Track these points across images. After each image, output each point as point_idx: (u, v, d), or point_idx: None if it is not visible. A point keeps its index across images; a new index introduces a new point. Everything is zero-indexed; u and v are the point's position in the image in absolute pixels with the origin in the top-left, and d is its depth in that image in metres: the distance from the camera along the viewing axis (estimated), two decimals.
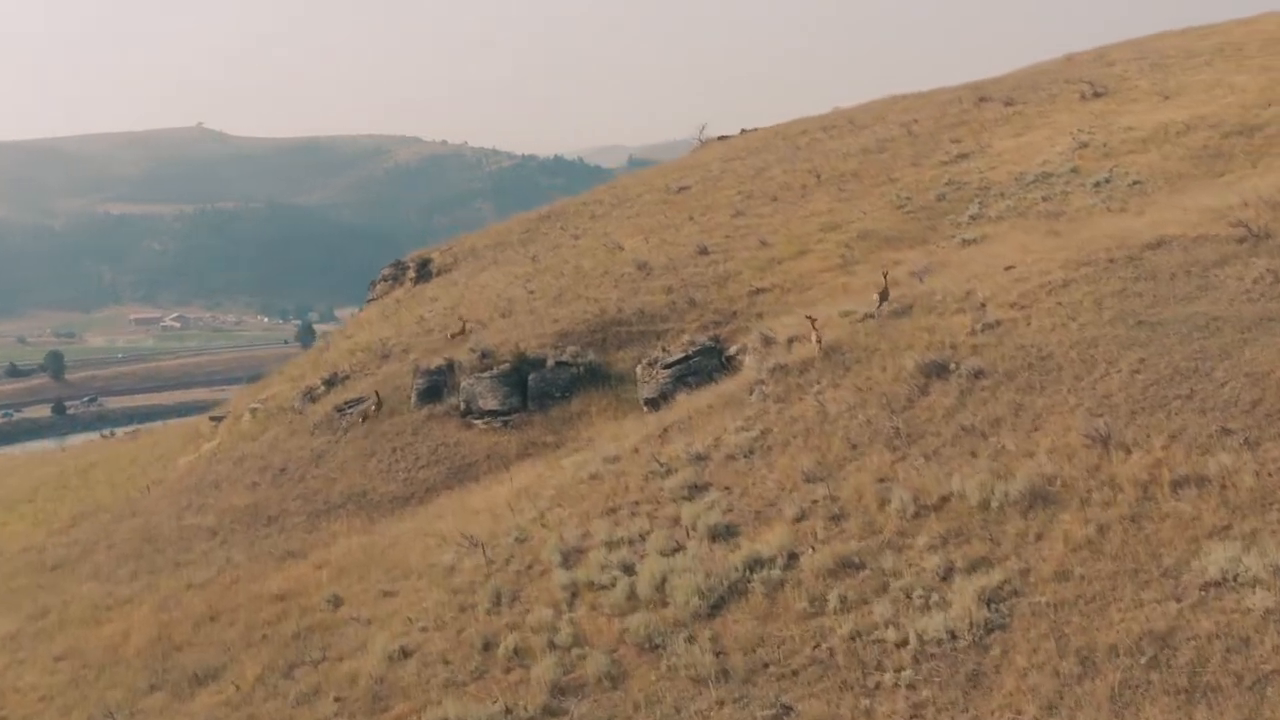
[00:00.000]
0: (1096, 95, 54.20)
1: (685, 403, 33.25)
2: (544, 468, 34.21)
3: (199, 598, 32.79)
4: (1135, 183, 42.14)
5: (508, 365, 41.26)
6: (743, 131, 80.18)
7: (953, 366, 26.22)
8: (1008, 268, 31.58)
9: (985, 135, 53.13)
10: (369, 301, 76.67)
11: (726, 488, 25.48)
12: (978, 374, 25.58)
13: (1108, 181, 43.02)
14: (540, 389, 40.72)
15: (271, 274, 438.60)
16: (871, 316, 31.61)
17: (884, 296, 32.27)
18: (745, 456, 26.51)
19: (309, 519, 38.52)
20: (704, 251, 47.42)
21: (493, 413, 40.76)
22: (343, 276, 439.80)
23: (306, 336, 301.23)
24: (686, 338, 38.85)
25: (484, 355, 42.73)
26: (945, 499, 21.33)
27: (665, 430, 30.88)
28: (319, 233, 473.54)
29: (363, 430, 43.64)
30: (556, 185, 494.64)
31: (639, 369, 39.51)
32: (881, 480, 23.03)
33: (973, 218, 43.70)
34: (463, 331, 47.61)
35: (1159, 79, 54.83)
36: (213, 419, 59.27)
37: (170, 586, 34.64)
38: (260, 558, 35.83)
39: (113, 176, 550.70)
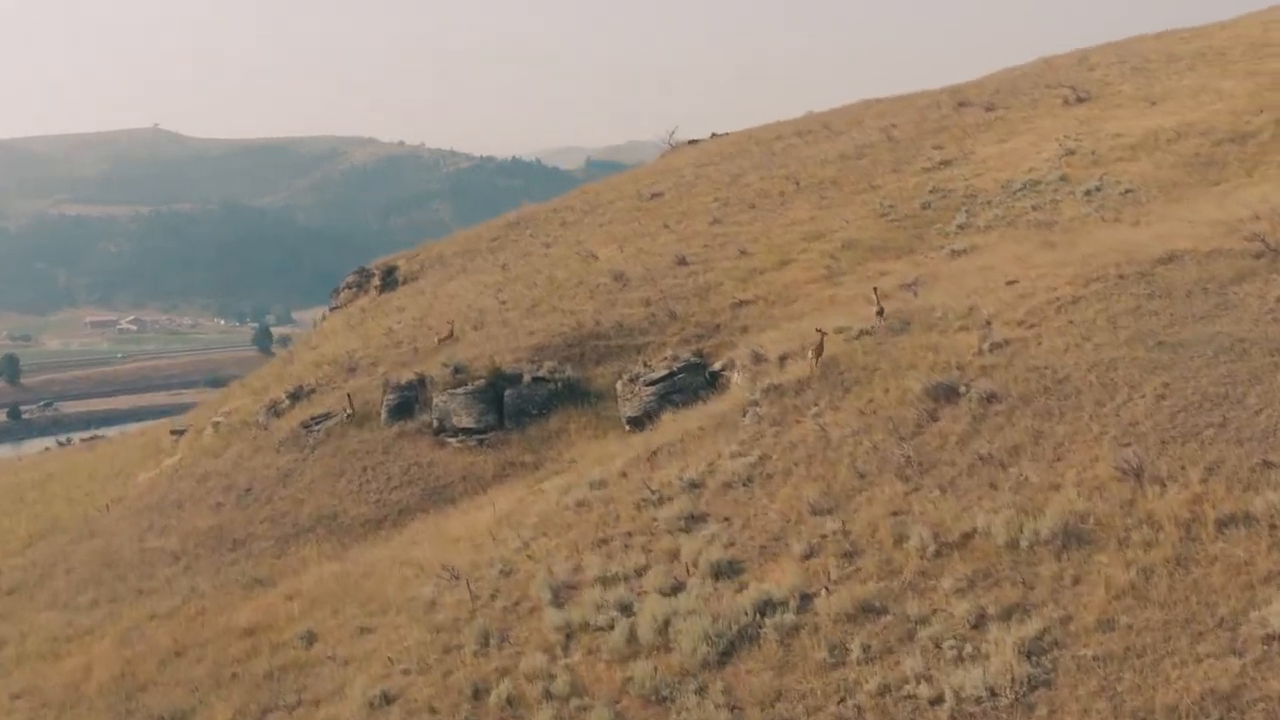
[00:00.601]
0: (1080, 100, 53.26)
1: (672, 423, 31.83)
2: (524, 491, 32.69)
3: (164, 630, 31.07)
4: (1127, 191, 41.10)
5: (483, 381, 39.69)
6: (713, 136, 78.96)
7: (962, 389, 24.97)
8: (1010, 282, 30.39)
9: (968, 141, 52.04)
10: (332, 309, 74.90)
11: (726, 519, 24.09)
12: (990, 398, 24.32)
13: (1098, 190, 41.98)
14: (517, 406, 39.19)
15: (228, 276, 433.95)
16: (868, 333, 30.33)
17: (881, 312, 31.00)
18: (744, 485, 25.12)
19: (277, 543, 36.81)
20: (682, 261, 46.03)
21: (467, 431, 39.18)
22: (300, 279, 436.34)
23: (264, 340, 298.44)
24: (669, 353, 37.43)
25: (457, 370, 41.14)
26: (968, 536, 20.01)
27: (654, 454, 29.46)
28: (276, 234, 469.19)
29: (331, 448, 41.93)
30: (514, 186, 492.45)
31: (619, 385, 38.05)
32: (895, 514, 21.70)
33: (960, 227, 42.53)
34: (450, 335, 45.93)
35: (1142, 84, 53.96)
36: (174, 432, 57.34)
37: (133, 617, 32.87)
38: (227, 585, 34.10)
39: (68, 178, 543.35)
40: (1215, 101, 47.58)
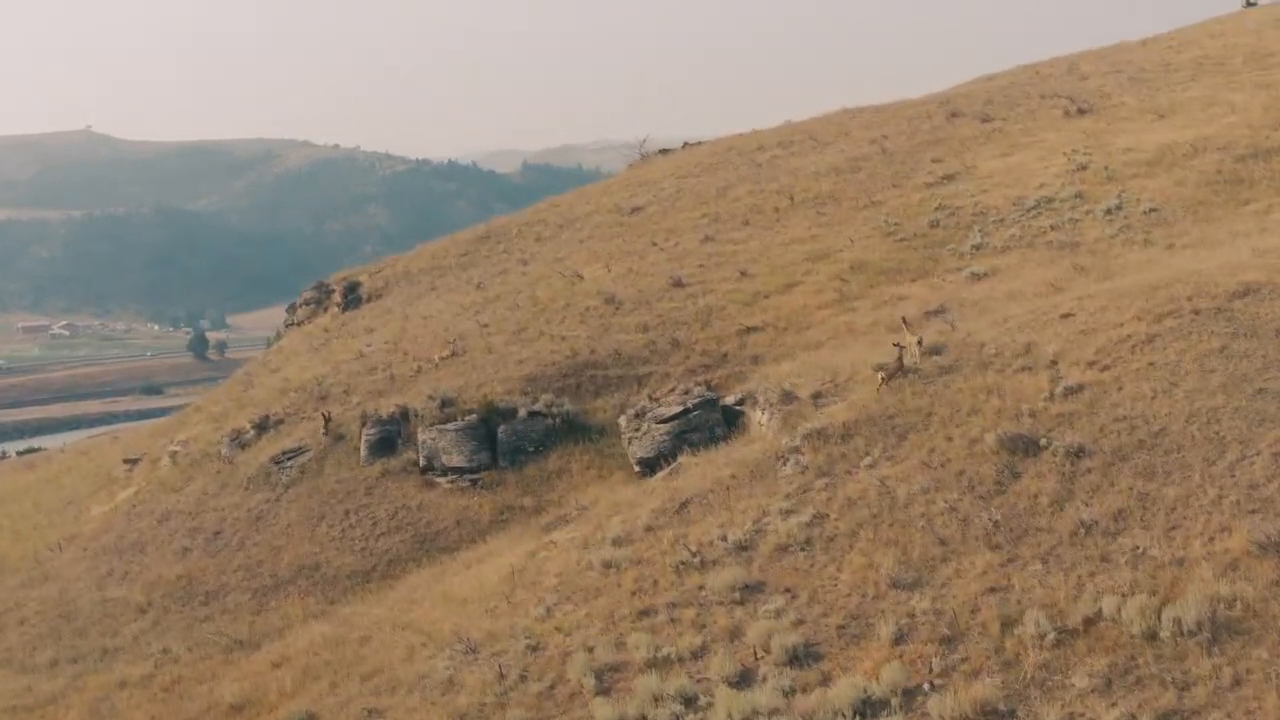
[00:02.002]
0: (1081, 112, 51.32)
1: (696, 469, 29.15)
2: (533, 544, 29.86)
3: (137, 702, 28.05)
4: (1151, 210, 39.08)
5: (474, 416, 36.80)
6: (686, 145, 76.39)
7: (1043, 442, 22.62)
8: (1065, 315, 28.06)
9: (968, 155, 49.89)
10: (288, 326, 71.48)
11: (788, 590, 21.51)
12: (1078, 453, 21.98)
13: (1119, 209, 39.93)
14: (512, 443, 36.37)
15: (162, 280, 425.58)
16: (913, 371, 27.86)
17: (900, 360, 28.46)
18: (802, 549, 22.55)
19: (254, 597, 33.77)
20: (678, 283, 43.41)
21: (458, 470, 36.31)
22: (234, 283, 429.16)
23: (199, 345, 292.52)
24: (679, 386, 34.78)
25: (444, 403, 38.22)
26: (1091, 622, 17.62)
27: (683, 506, 26.78)
28: (209, 238, 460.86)
29: (307, 487, 38.85)
30: (451, 190, 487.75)
31: (623, 421, 35.34)
32: (993, 590, 19.26)
33: (976, 248, 40.32)
34: (452, 355, 42.95)
35: (1145, 95, 52.14)
36: (127, 461, 53.72)
37: (100, 684, 29.80)
38: (202, 646, 31.07)
39: None
40: (1228, 114, 45.77)
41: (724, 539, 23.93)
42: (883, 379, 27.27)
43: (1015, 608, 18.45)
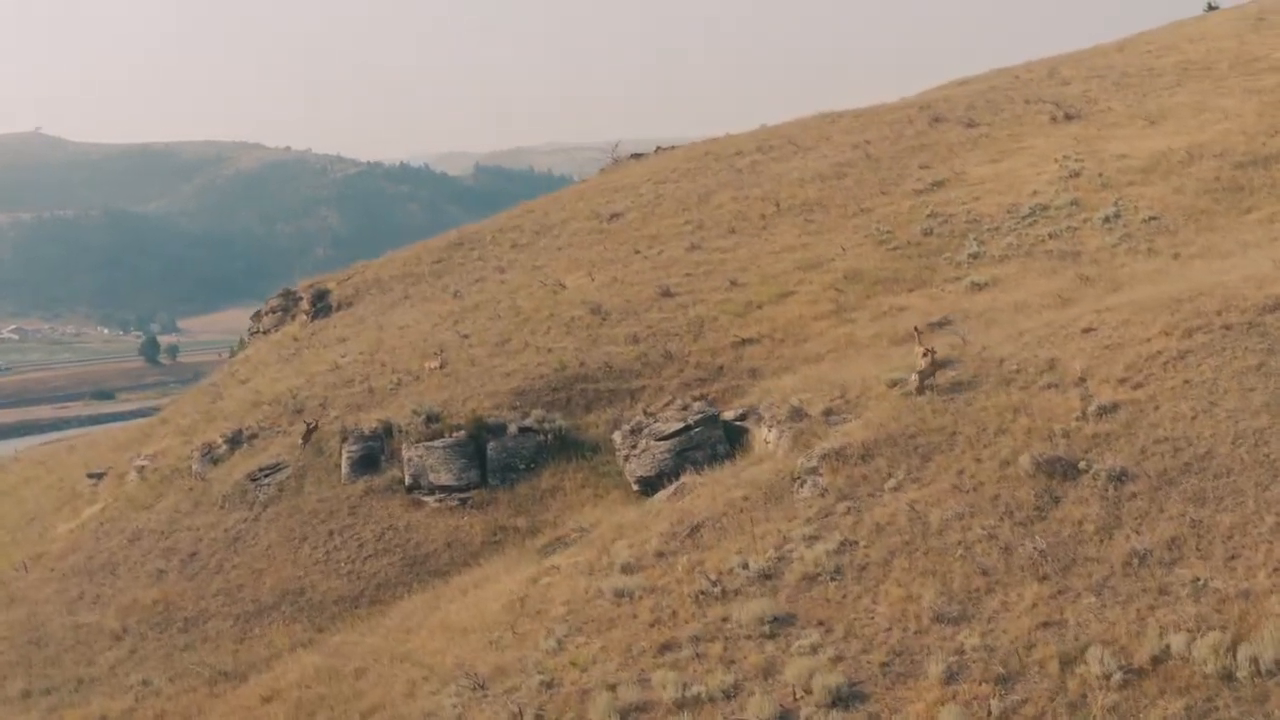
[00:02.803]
0: (1068, 118, 50.70)
1: (703, 489, 28.02)
2: (533, 568, 28.62)
3: None
4: (1151, 219, 38.41)
5: (463, 433, 35.50)
6: (659, 150, 75.38)
7: (1082, 465, 21.70)
8: (1087, 330, 27.19)
9: (955, 161, 49.12)
10: (253, 334, 69.74)
11: (821, 624, 20.43)
12: (1120, 476, 21.07)
13: (1117, 217, 39.25)
14: (502, 460, 35.12)
15: (112, 284, 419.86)
16: (930, 388, 26.89)
17: (934, 362, 27.58)
18: (833, 579, 21.48)
19: (237, 624, 32.31)
20: (666, 293, 42.30)
21: (446, 488, 35.02)
22: (185, 286, 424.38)
23: (151, 349, 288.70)
24: (679, 403, 33.66)
25: (430, 419, 36.90)
26: (1159, 660, 16.67)
27: (695, 530, 25.66)
28: (160, 241, 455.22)
29: (286, 506, 37.41)
30: (403, 192, 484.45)
31: (618, 437, 34.22)
32: (1047, 625, 18.29)
33: (973, 257, 39.49)
34: (441, 367, 41.56)
35: (1133, 101, 51.60)
36: (91, 476, 51.99)
37: (79, 718, 28.27)
38: (185, 678, 29.63)
39: None
40: (1221, 120, 45.25)
41: (745, 567, 22.83)
42: (920, 382, 26.41)
43: (1074, 644, 17.48)
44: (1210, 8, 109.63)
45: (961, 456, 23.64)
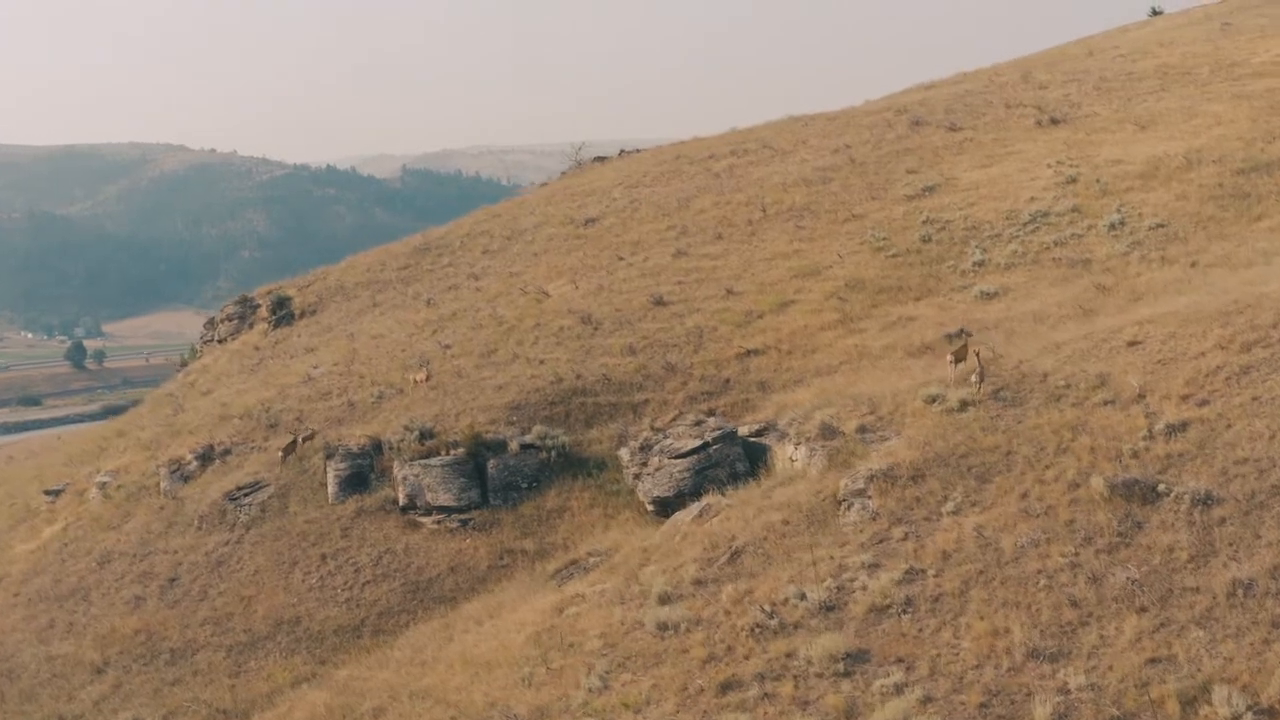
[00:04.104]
0: (1054, 122, 50.07)
1: (732, 511, 26.73)
2: (551, 595, 27.19)
3: None
4: (1158, 225, 37.73)
5: (462, 450, 33.91)
6: (622, 153, 74.08)
7: (1162, 488, 20.65)
8: (1132, 343, 26.27)
9: (944, 165, 48.27)
10: (208, 343, 67.41)
11: (900, 660, 19.19)
12: (1205, 500, 20.05)
13: (1122, 224, 38.54)
14: (504, 479, 33.58)
15: (35, 287, 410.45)
16: (971, 404, 25.84)
17: (982, 374, 26.59)
18: (904, 611, 20.27)
19: (230, 656, 30.50)
20: (660, 302, 40.97)
21: (445, 509, 33.42)
22: (110, 289, 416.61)
23: (77, 354, 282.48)
24: (691, 418, 32.31)
25: (423, 435, 35.27)
26: None
27: (735, 556, 24.38)
28: (84, 243, 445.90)
29: (271, 528, 35.60)
30: (329, 195, 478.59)
31: (624, 454, 32.86)
32: (1155, 661, 17.21)
33: (977, 265, 38.62)
34: (427, 379, 39.88)
35: (1119, 105, 51.08)
36: (48, 493, 49.56)
37: None
38: (179, 716, 27.87)
39: None
40: (1214, 126, 44.78)
41: (802, 597, 21.55)
42: (978, 384, 25.47)
43: (1191, 682, 16.40)
44: (1154, 12, 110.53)
45: (1023, 478, 22.56)
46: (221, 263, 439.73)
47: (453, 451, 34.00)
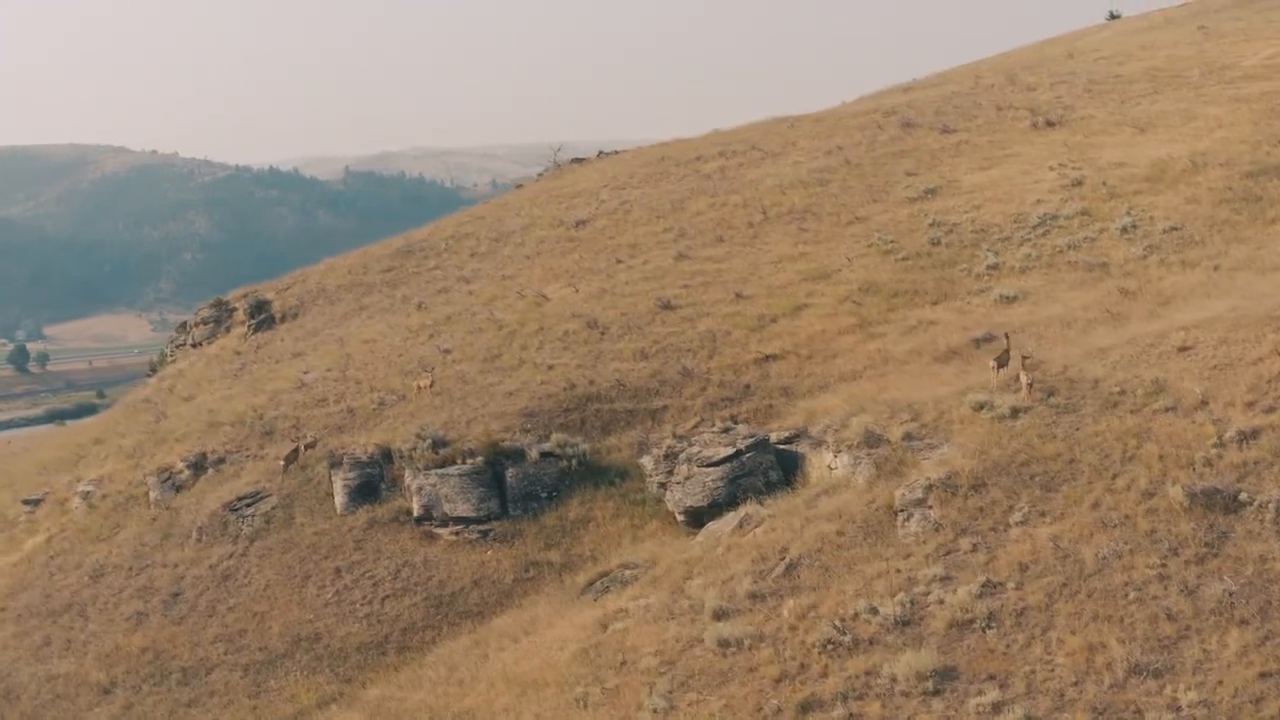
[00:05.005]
0: (1049, 124, 49.91)
1: (778, 522, 26.09)
2: (590, 610, 26.42)
3: None
4: (1172, 229, 37.56)
5: (480, 459, 33.03)
6: (600, 155, 73.35)
7: (1243, 496, 20.26)
8: (1183, 348, 25.92)
9: (943, 167, 47.94)
10: (180, 347, 65.78)
11: (992, 678, 18.64)
12: None
13: (1134, 227, 38.35)
14: (523, 489, 32.74)
15: None
16: (1022, 411, 25.38)
17: (1033, 380, 26.14)
18: (988, 626, 19.72)
19: (247, 675, 29.44)
20: (667, 306, 40.27)
21: (464, 520, 32.51)
22: (51, 292, 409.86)
23: (20, 358, 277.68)
24: (719, 425, 31.62)
25: (437, 444, 34.32)
26: None
27: (791, 569, 23.76)
28: (24, 245, 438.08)
29: (278, 540, 34.51)
30: (272, 197, 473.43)
31: (647, 462, 32.12)
32: (1266, 675, 16.90)
33: (991, 268, 38.25)
34: (431, 385, 38.83)
35: (1114, 108, 51.03)
36: (27, 503, 47.98)
37: None
38: None
39: None
40: (1215, 129, 44.78)
41: (873, 612, 20.96)
42: (1027, 390, 25.37)
43: None
44: (1112, 16, 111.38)
45: (1091, 487, 22.10)
46: (164, 264, 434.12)
47: (470, 460, 33.12)
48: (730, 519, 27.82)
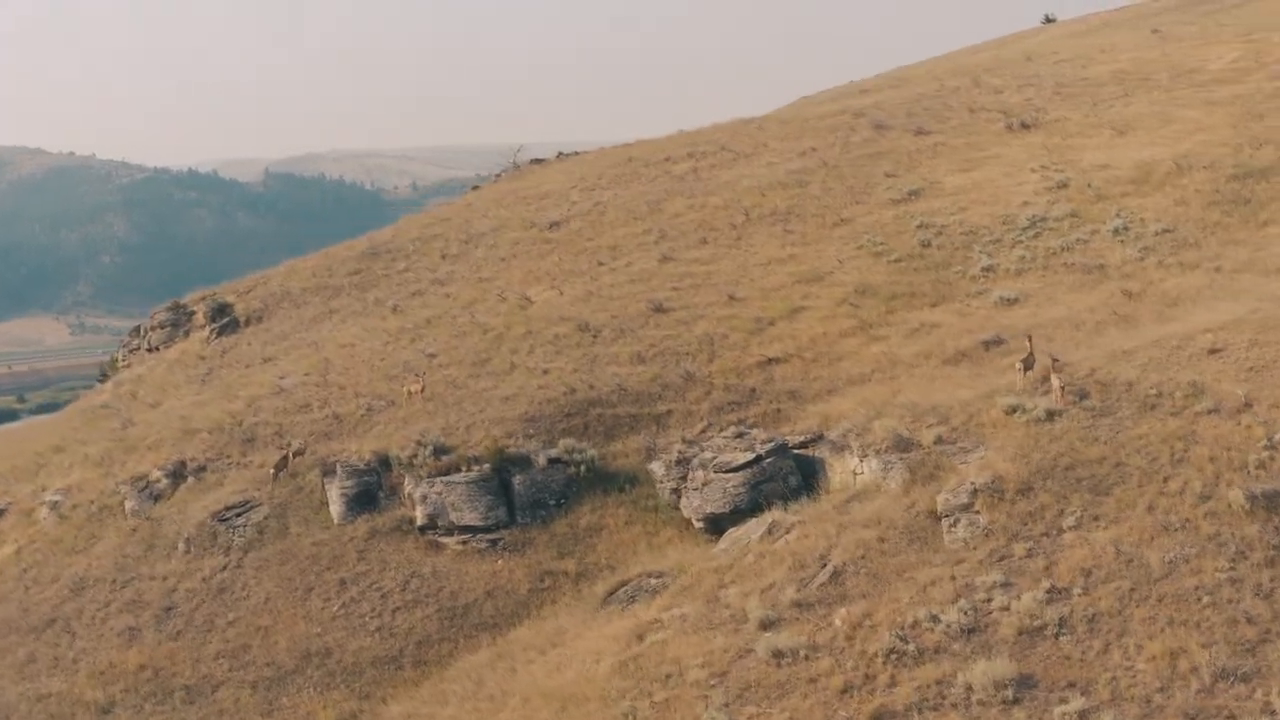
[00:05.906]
0: (1025, 127, 50.20)
1: (809, 529, 25.75)
2: (620, 620, 25.92)
3: None
4: (1165, 231, 37.86)
5: (487, 466, 32.36)
6: (560, 156, 72.70)
7: None
8: (1214, 350, 26.02)
9: (923, 169, 48.01)
10: (135, 351, 64.14)
11: (1072, 685, 18.45)
12: None
13: (1126, 229, 38.60)
14: (531, 496, 32.11)
15: None
16: (1058, 414, 25.30)
17: (1063, 384, 26.08)
18: (1060, 632, 19.54)
19: (257, 692, 28.53)
20: (659, 309, 39.84)
21: (471, 529, 31.82)
22: None
23: None
24: (731, 430, 31.28)
25: (439, 451, 33.58)
26: None
27: (836, 576, 23.47)
28: None
29: (274, 551, 33.56)
30: (192, 199, 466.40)
31: (658, 468, 31.68)
32: None
33: (987, 270, 38.30)
34: (422, 390, 38.01)
35: (1088, 111, 51.43)
36: None
37: None
38: None
39: None
40: (1195, 132, 45.27)
41: (935, 620, 20.70)
42: (1060, 392, 25.28)
43: None
44: (1048, 19, 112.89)
45: (1143, 490, 22.02)
46: (82, 268, 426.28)
47: (475, 467, 32.43)
48: (755, 525, 27.43)
